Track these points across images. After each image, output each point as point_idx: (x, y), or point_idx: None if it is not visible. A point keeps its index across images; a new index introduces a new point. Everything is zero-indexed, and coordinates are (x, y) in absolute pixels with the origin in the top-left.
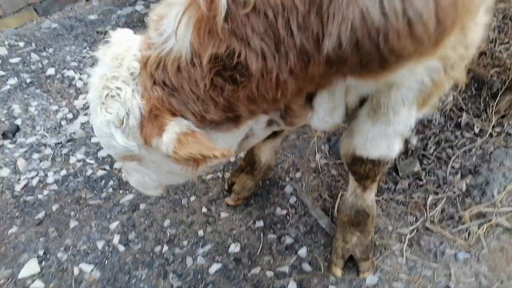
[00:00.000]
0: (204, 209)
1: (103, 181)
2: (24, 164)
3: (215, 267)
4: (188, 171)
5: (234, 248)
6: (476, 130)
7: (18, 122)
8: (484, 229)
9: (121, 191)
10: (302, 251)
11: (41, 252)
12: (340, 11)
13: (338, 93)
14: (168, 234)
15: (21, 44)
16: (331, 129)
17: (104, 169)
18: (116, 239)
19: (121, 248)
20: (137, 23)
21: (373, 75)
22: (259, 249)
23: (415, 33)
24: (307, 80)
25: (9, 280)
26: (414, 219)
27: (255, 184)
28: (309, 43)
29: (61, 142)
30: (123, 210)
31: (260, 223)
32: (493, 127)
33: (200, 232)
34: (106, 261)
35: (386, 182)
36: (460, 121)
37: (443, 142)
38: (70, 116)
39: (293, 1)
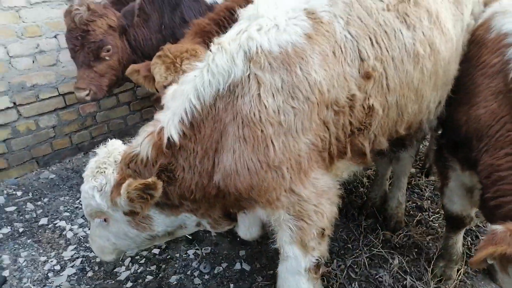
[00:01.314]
0: None
1: None
2: None
3: None
4: (139, 237)
5: None
6: None
7: (6, 273)
8: None
9: None
10: None
11: None
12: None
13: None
14: None
15: (19, 193)
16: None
17: None
18: None
19: None
20: None
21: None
22: None
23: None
24: (208, 195)
25: None
26: None
27: None
28: (204, 174)
29: None
30: None
31: None
32: None
33: None
34: None
35: None
36: (406, 283)
37: None
38: (57, 267)
39: (197, 149)
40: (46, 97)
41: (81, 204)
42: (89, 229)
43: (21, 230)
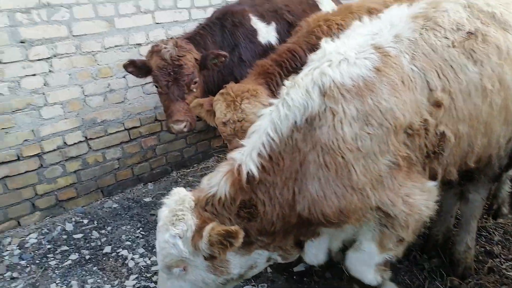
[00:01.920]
0: None
1: None
2: None
3: None
4: (215, 282)
5: None
6: None
7: None
8: None
9: None
10: None
11: None
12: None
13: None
14: None
15: (85, 221)
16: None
17: None
18: None
19: None
20: None
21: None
22: None
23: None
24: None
25: None
26: None
27: None
28: (285, 204)
29: None
30: None
31: None
32: None
33: None
34: None
35: None
36: None
37: None
38: None
39: (277, 180)
40: (113, 132)
41: (142, 234)
42: (149, 259)
43: (87, 257)
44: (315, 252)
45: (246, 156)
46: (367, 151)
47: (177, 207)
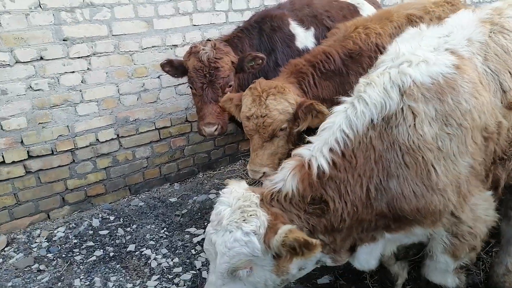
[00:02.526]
0: None
1: None
2: None
3: None
4: (274, 283)
5: None
6: None
7: None
8: None
9: None
10: None
11: None
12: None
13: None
14: None
15: (112, 218)
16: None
17: None
18: None
19: None
20: (209, 210)
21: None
22: None
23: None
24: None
25: None
26: None
27: None
28: (357, 201)
29: None
30: None
31: None
32: None
33: None
34: None
35: None
36: None
37: None
38: None
39: (347, 177)
40: (144, 131)
41: (165, 234)
42: (172, 260)
43: (111, 254)
44: (367, 258)
45: (317, 151)
46: (447, 151)
47: (245, 203)
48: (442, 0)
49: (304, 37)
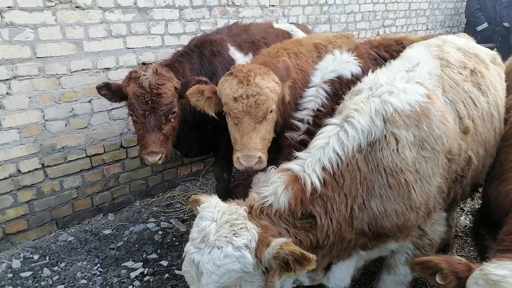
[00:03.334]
0: None
1: None
2: None
3: None
4: None
5: None
6: None
7: None
8: None
9: None
10: None
11: None
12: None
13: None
14: None
15: (36, 256)
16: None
17: None
18: None
19: None
20: (147, 240)
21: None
22: None
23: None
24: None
25: None
26: None
27: None
28: (341, 219)
29: None
30: None
31: None
32: None
33: None
34: None
35: None
36: None
37: None
38: None
39: (334, 196)
40: (73, 159)
41: (99, 271)
42: None
43: None
44: (343, 276)
45: (310, 169)
46: (424, 173)
47: (232, 216)
48: (339, 34)
49: (243, 62)
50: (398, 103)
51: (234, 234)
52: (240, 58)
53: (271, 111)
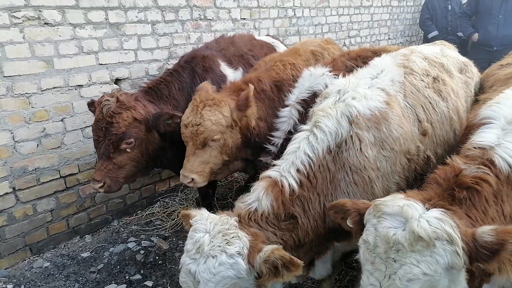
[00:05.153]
0: None
1: None
2: None
3: None
4: None
5: None
6: None
7: None
8: None
9: None
10: None
11: None
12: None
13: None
14: None
15: (10, 286)
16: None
17: None
18: None
19: None
20: (129, 261)
21: None
22: None
23: None
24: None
25: None
26: None
27: None
28: (317, 217)
29: None
30: None
31: None
32: None
33: None
34: None
35: None
36: None
37: None
38: None
39: (309, 195)
40: (46, 180)
41: None
42: None
43: None
44: (325, 266)
45: (286, 172)
46: (384, 170)
47: (224, 227)
48: (325, 41)
49: (234, 78)
50: (360, 107)
51: (227, 243)
52: (230, 73)
53: (213, 140)
